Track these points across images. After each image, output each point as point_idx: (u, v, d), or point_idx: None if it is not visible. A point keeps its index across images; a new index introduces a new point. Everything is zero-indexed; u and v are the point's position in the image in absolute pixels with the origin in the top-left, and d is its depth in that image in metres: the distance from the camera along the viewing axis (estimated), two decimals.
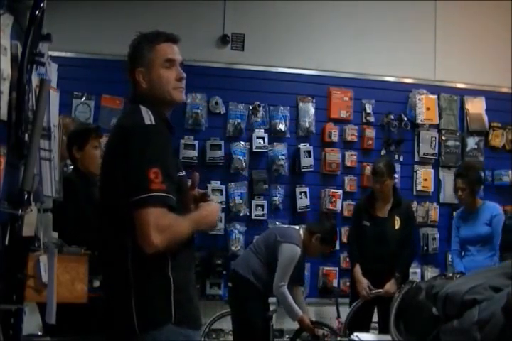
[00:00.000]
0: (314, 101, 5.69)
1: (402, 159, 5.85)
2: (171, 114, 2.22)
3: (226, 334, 5.21)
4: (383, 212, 4.73)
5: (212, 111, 5.48)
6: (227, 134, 5.46)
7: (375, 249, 4.61)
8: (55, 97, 2.37)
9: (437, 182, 5.91)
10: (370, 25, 5.88)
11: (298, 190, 5.55)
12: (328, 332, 4.55)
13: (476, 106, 6.05)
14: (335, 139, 5.67)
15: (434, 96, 5.94)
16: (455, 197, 5.01)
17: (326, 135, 5.65)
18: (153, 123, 2.02)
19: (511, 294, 1.73)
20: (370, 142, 5.77)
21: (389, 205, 4.73)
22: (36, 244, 2.14)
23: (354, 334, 2.72)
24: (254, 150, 5.47)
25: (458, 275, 2.36)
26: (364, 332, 3.08)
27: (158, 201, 1.92)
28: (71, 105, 5.18)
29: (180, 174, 2.10)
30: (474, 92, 6.07)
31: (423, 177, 5.87)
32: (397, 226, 4.68)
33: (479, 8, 6.07)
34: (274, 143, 5.54)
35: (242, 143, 5.47)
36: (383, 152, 5.80)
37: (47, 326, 2.76)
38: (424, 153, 5.89)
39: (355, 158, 5.70)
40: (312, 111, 5.66)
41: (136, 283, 1.97)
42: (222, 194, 5.32)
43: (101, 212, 2.13)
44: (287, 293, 4.22)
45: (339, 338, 4.32)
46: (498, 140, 6.09)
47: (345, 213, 5.57)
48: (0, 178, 1.85)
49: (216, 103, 5.49)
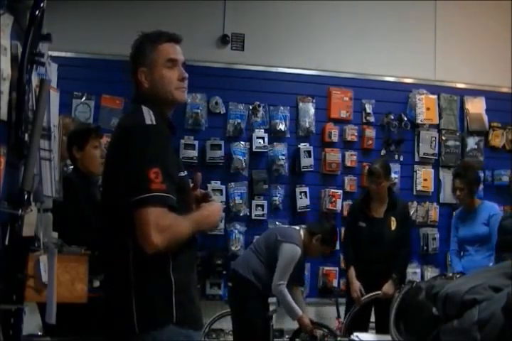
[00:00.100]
0: (314, 101, 5.69)
1: (402, 159, 5.85)
2: (171, 114, 2.22)
3: (226, 334, 5.21)
4: (379, 213, 4.73)
5: (212, 111, 5.48)
6: (227, 134, 5.47)
7: (372, 250, 4.61)
8: (55, 97, 2.37)
9: (437, 182, 5.91)
10: (370, 25, 5.88)
11: (298, 190, 5.55)
12: (328, 333, 4.55)
13: (476, 106, 6.05)
14: (335, 139, 5.67)
15: (434, 96, 5.95)
16: (454, 197, 5.02)
17: (326, 135, 5.65)
18: (154, 123, 2.02)
19: (511, 294, 1.73)
20: (370, 142, 5.77)
21: (385, 206, 4.73)
22: (36, 244, 2.14)
23: (354, 334, 2.72)
24: (254, 150, 5.47)
25: (458, 275, 2.36)
26: (364, 332, 3.08)
27: (159, 201, 1.92)
28: (71, 105, 5.18)
29: (182, 174, 2.09)
30: (474, 92, 6.07)
31: (423, 177, 5.87)
32: (393, 227, 4.68)
33: (479, 8, 6.07)
34: (274, 143, 5.54)
35: (242, 143, 5.47)
36: (383, 152, 5.80)
37: (47, 326, 2.75)
38: (424, 153, 5.89)
39: (355, 158, 5.70)
40: (312, 111, 5.66)
41: (137, 283, 1.97)
42: (222, 194, 5.33)
43: (102, 212, 2.14)
44: (286, 292, 4.22)
45: (339, 338, 4.31)
46: (498, 140, 6.09)
47: (345, 213, 5.54)
48: (0, 178, 1.85)
49: (216, 103, 5.49)
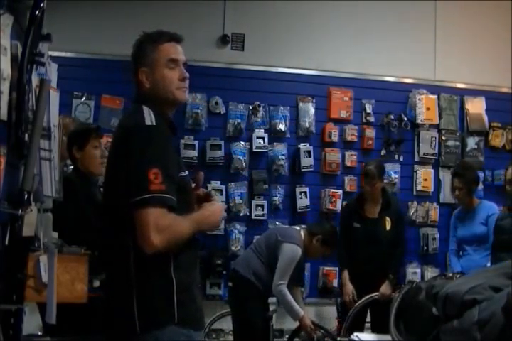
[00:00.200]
0: (314, 101, 5.69)
1: (402, 159, 5.85)
2: (172, 114, 2.22)
3: (226, 334, 5.21)
4: (373, 213, 4.73)
5: (212, 111, 5.48)
6: (227, 134, 5.46)
7: (367, 251, 4.60)
8: (55, 97, 2.36)
9: (437, 182, 5.91)
10: (370, 25, 5.88)
11: (298, 190, 5.55)
12: (326, 334, 4.55)
13: (476, 106, 6.05)
14: (335, 139, 5.66)
15: (434, 96, 5.94)
16: (452, 197, 5.02)
17: (326, 135, 5.65)
18: (154, 123, 2.01)
19: (511, 294, 1.73)
20: (370, 142, 5.76)
21: (379, 206, 4.73)
22: (36, 244, 2.14)
23: (354, 334, 2.72)
24: (254, 150, 5.47)
25: (458, 276, 2.36)
26: (364, 333, 3.08)
27: (158, 202, 1.92)
28: (71, 105, 5.18)
29: (183, 174, 2.09)
30: (474, 92, 6.06)
31: (423, 177, 5.86)
32: (388, 226, 4.68)
33: (479, 8, 6.07)
34: (274, 143, 5.53)
35: (242, 143, 5.47)
36: (383, 152, 5.80)
37: (47, 326, 2.75)
38: (424, 153, 5.88)
39: (355, 158, 5.69)
40: (312, 111, 5.66)
41: (138, 283, 1.97)
42: (222, 194, 5.32)
43: (103, 212, 2.14)
44: (286, 292, 4.21)
45: (339, 338, 4.31)
46: (498, 140, 6.09)
47: None
48: (0, 178, 1.85)
49: (216, 103, 5.49)
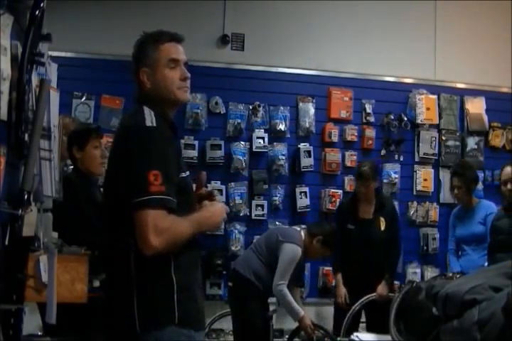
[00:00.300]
0: (314, 101, 5.69)
1: (402, 159, 5.85)
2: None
3: (226, 334, 5.20)
4: (368, 214, 4.73)
5: (212, 111, 5.48)
6: (227, 134, 5.46)
7: (363, 252, 4.61)
8: (55, 97, 2.36)
9: (437, 182, 5.91)
10: (370, 25, 5.88)
11: (298, 190, 5.54)
12: (325, 334, 4.54)
13: (476, 106, 6.04)
14: (335, 139, 5.66)
15: (434, 96, 5.94)
16: (451, 196, 5.02)
17: (326, 135, 5.65)
18: (154, 124, 2.01)
19: (511, 294, 1.73)
20: (370, 142, 5.76)
21: (372, 206, 4.73)
22: (36, 244, 2.14)
23: (354, 334, 2.73)
24: (254, 150, 5.47)
25: (458, 275, 2.37)
26: (363, 333, 3.08)
27: (158, 203, 1.92)
28: (71, 105, 5.18)
29: (183, 175, 2.08)
30: (474, 92, 6.06)
31: (423, 177, 5.86)
32: (382, 227, 4.68)
33: (479, 8, 6.06)
34: (274, 143, 5.53)
35: (242, 143, 5.46)
36: (383, 152, 5.80)
37: (47, 326, 2.76)
38: (424, 153, 5.88)
39: (355, 158, 5.69)
40: (312, 111, 5.66)
41: (139, 283, 1.97)
42: (222, 194, 5.32)
43: (104, 212, 2.14)
44: (287, 292, 4.21)
45: (339, 338, 4.31)
46: (498, 140, 6.08)
47: None
48: (0, 178, 1.85)
49: (216, 103, 5.49)
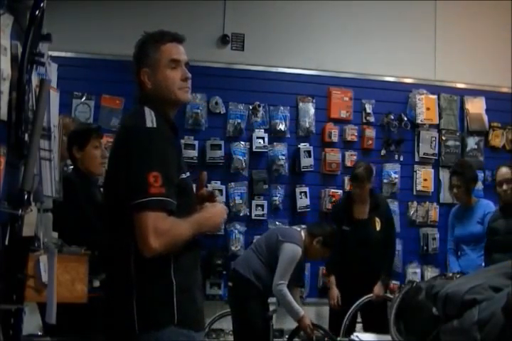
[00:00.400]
0: (314, 101, 5.69)
1: (402, 159, 5.85)
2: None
3: (226, 334, 5.20)
4: (363, 214, 4.74)
5: (212, 111, 5.48)
6: (227, 134, 5.46)
7: (359, 252, 4.61)
8: (55, 97, 2.36)
9: (437, 182, 5.91)
10: (370, 25, 5.88)
11: (298, 190, 5.54)
12: (326, 335, 4.54)
13: (476, 106, 6.04)
14: (335, 139, 5.66)
15: (434, 96, 5.94)
16: (450, 195, 5.02)
17: (326, 135, 5.64)
18: (155, 125, 2.01)
19: (511, 294, 1.73)
20: (370, 142, 5.76)
21: (367, 207, 4.73)
22: (36, 244, 2.14)
23: (354, 334, 2.73)
24: (254, 150, 5.47)
25: (458, 275, 2.37)
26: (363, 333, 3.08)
27: (157, 205, 1.92)
28: (71, 105, 5.18)
29: (184, 176, 2.07)
30: (474, 92, 6.06)
31: (423, 177, 5.86)
32: (378, 227, 4.68)
33: (479, 8, 6.06)
34: (274, 143, 5.53)
35: (242, 143, 5.46)
36: (383, 152, 5.80)
37: (47, 326, 2.75)
38: (424, 153, 5.88)
39: (355, 158, 5.69)
40: (312, 111, 5.66)
41: (139, 283, 1.97)
42: (222, 194, 5.32)
43: (104, 212, 2.14)
44: (286, 292, 4.20)
45: (339, 338, 4.31)
46: (498, 140, 6.08)
47: None
48: (0, 178, 1.85)
49: (216, 103, 5.49)
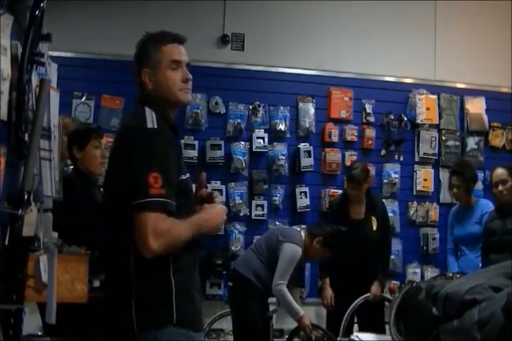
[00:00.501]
0: (314, 101, 5.69)
1: (402, 159, 5.84)
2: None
3: (226, 334, 5.21)
4: (359, 214, 4.74)
5: (212, 111, 5.48)
6: (227, 134, 5.46)
7: (356, 252, 4.61)
8: (55, 97, 2.36)
9: (437, 182, 5.90)
10: (370, 25, 5.88)
11: (298, 190, 5.54)
12: (325, 335, 4.54)
13: (476, 106, 6.04)
14: (335, 139, 5.66)
15: (434, 96, 5.94)
16: (450, 195, 5.02)
17: (326, 135, 5.64)
18: (155, 126, 2.00)
19: (511, 294, 1.73)
20: (370, 142, 5.76)
21: (363, 206, 4.73)
22: (36, 244, 2.14)
23: (354, 334, 2.73)
24: (254, 150, 5.46)
25: (458, 276, 2.37)
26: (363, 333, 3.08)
27: (157, 206, 1.92)
28: (71, 105, 5.17)
29: (183, 177, 2.07)
30: (474, 92, 6.06)
31: (423, 177, 5.86)
32: (374, 227, 4.69)
33: (479, 8, 6.06)
34: (274, 143, 5.53)
35: (242, 143, 5.46)
36: (383, 152, 5.80)
37: (47, 326, 2.75)
38: (424, 153, 5.88)
39: (355, 158, 5.69)
40: (312, 111, 5.66)
41: (138, 283, 1.97)
42: (222, 194, 5.31)
43: (104, 213, 2.13)
44: (286, 292, 4.21)
45: (339, 338, 4.31)
46: (498, 140, 6.08)
47: None
48: (0, 178, 1.85)
49: (216, 103, 5.49)
